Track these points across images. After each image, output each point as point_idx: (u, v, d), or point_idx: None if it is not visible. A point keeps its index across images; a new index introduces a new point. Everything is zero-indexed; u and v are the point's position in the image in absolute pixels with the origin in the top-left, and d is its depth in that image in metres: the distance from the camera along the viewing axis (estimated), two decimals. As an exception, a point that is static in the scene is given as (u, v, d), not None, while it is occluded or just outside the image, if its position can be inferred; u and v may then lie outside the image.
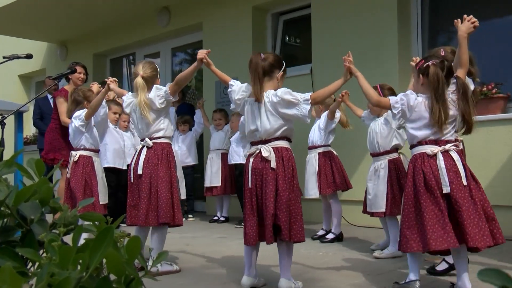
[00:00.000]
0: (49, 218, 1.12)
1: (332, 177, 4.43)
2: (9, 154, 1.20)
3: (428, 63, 2.62)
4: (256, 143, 2.90)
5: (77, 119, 3.98)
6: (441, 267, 3.09)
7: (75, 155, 3.97)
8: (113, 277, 0.94)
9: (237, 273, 3.21)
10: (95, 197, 3.93)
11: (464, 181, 2.54)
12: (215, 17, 6.87)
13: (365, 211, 3.94)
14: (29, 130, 9.70)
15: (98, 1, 7.08)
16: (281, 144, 2.84)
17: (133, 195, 3.37)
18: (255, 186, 2.82)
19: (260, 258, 2.96)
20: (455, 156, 2.59)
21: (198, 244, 4.42)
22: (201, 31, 7.14)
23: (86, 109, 4.01)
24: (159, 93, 3.32)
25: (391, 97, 2.82)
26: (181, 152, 6.06)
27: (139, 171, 3.31)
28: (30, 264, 0.99)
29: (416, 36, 5.29)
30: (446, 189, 2.53)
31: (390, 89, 3.80)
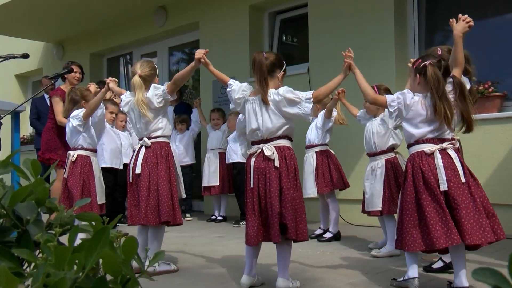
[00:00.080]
0: (45, 218, 1.12)
1: (329, 176, 4.43)
2: (5, 154, 1.20)
3: (425, 62, 2.63)
4: (258, 142, 2.87)
5: (75, 118, 3.97)
6: (437, 265, 3.11)
7: (72, 154, 3.96)
8: (109, 277, 0.94)
9: (235, 273, 3.21)
10: (93, 197, 3.92)
11: (463, 179, 2.55)
12: (212, 16, 6.87)
13: (363, 211, 3.96)
14: (26, 130, 9.68)
15: (95, 1, 7.07)
16: (282, 143, 2.83)
17: (133, 195, 3.37)
18: (257, 186, 2.79)
19: (258, 257, 2.96)
20: (453, 154, 2.60)
21: (196, 244, 4.42)
22: (198, 31, 7.13)
23: (84, 109, 4.00)
24: (157, 92, 3.31)
25: (387, 95, 2.82)
26: (178, 152, 6.05)
27: (137, 171, 3.30)
28: (26, 265, 0.98)
29: (412, 35, 5.29)
30: (443, 187, 2.54)
31: (386, 90, 3.81)
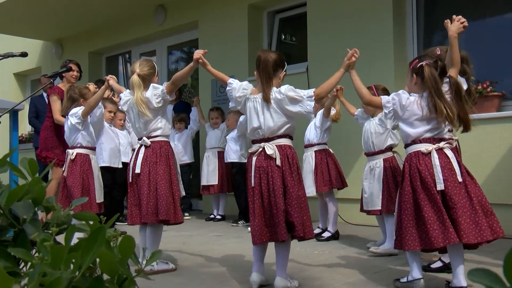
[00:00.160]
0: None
1: (328, 175, 4.43)
2: (4, 153, 1.19)
3: (422, 63, 2.63)
4: (259, 141, 2.86)
5: (74, 116, 3.96)
6: (436, 265, 3.11)
7: (72, 153, 3.94)
8: (106, 276, 0.94)
9: (234, 271, 3.21)
10: (92, 195, 3.91)
11: (459, 178, 2.56)
12: (211, 15, 6.86)
13: (362, 210, 3.96)
14: (25, 128, 9.67)
15: (94, -1, 7.07)
16: (284, 142, 2.83)
17: (134, 195, 3.36)
18: (259, 185, 2.78)
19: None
20: (450, 154, 2.60)
21: (194, 243, 4.42)
22: (197, 29, 7.12)
23: (83, 107, 3.99)
24: (156, 92, 3.30)
25: (383, 97, 2.83)
26: (177, 150, 6.03)
27: (137, 170, 3.30)
28: (23, 264, 0.98)
29: (411, 35, 5.29)
30: (440, 186, 2.55)
31: (384, 90, 3.81)
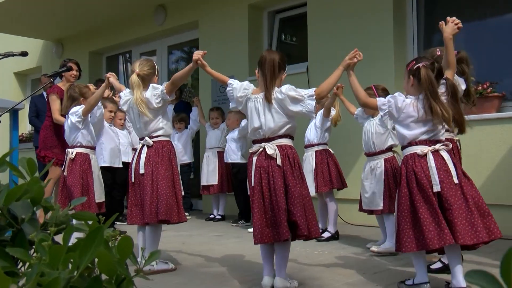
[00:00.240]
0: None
1: (328, 175, 4.43)
2: (4, 152, 1.19)
3: (419, 64, 2.64)
4: (259, 141, 2.86)
5: (74, 115, 3.95)
6: (436, 266, 3.11)
7: (71, 152, 3.94)
8: (104, 276, 0.94)
9: (234, 271, 3.21)
10: (91, 195, 3.91)
11: (455, 180, 2.57)
12: (211, 15, 6.86)
13: (361, 209, 3.95)
14: (25, 128, 9.67)
15: (94, -1, 7.07)
16: (284, 142, 2.83)
17: (135, 195, 3.36)
18: (260, 185, 2.78)
19: (256, 257, 2.96)
20: (445, 155, 2.62)
21: (194, 243, 4.41)
22: (197, 29, 7.12)
23: (83, 105, 3.99)
24: (155, 92, 3.30)
25: (379, 99, 2.84)
26: (177, 150, 6.04)
27: (141, 171, 3.29)
28: (21, 264, 0.98)
29: (411, 36, 5.28)
30: (436, 188, 2.56)
31: (384, 90, 3.81)
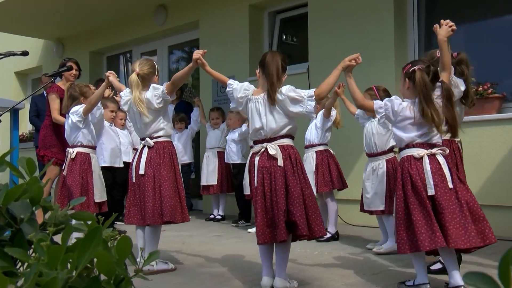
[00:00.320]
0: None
1: (329, 176, 4.43)
2: (4, 152, 1.19)
3: (414, 68, 2.64)
4: (261, 141, 2.87)
5: (75, 114, 3.95)
6: (435, 267, 3.11)
7: (72, 152, 3.94)
8: (103, 277, 0.94)
9: (234, 271, 3.21)
10: (90, 195, 3.91)
11: (450, 184, 2.58)
12: (212, 15, 6.86)
13: (362, 210, 3.95)
14: (25, 127, 9.67)
15: (95, -1, 7.07)
16: (286, 142, 2.84)
17: (134, 195, 3.35)
18: (262, 185, 2.78)
19: (256, 257, 2.96)
20: (441, 160, 2.62)
21: (194, 243, 4.41)
22: (197, 29, 7.12)
23: (84, 105, 3.98)
24: (156, 93, 3.29)
25: (375, 102, 2.86)
26: (177, 150, 6.04)
27: (141, 171, 3.28)
28: (20, 264, 0.98)
29: (412, 36, 5.28)
30: (430, 191, 2.57)
31: (385, 91, 3.81)
